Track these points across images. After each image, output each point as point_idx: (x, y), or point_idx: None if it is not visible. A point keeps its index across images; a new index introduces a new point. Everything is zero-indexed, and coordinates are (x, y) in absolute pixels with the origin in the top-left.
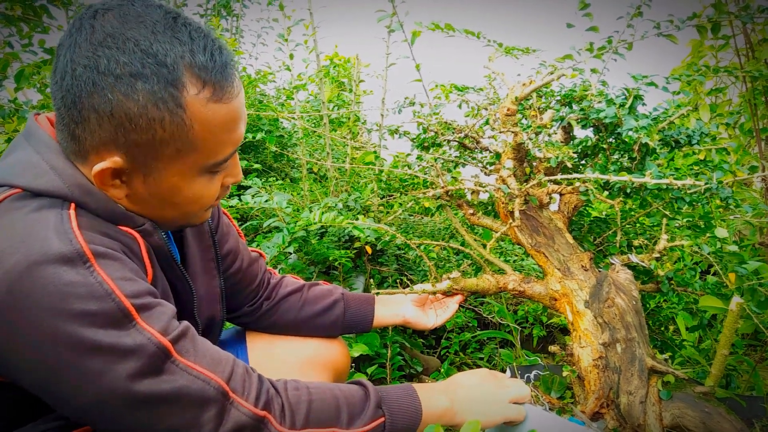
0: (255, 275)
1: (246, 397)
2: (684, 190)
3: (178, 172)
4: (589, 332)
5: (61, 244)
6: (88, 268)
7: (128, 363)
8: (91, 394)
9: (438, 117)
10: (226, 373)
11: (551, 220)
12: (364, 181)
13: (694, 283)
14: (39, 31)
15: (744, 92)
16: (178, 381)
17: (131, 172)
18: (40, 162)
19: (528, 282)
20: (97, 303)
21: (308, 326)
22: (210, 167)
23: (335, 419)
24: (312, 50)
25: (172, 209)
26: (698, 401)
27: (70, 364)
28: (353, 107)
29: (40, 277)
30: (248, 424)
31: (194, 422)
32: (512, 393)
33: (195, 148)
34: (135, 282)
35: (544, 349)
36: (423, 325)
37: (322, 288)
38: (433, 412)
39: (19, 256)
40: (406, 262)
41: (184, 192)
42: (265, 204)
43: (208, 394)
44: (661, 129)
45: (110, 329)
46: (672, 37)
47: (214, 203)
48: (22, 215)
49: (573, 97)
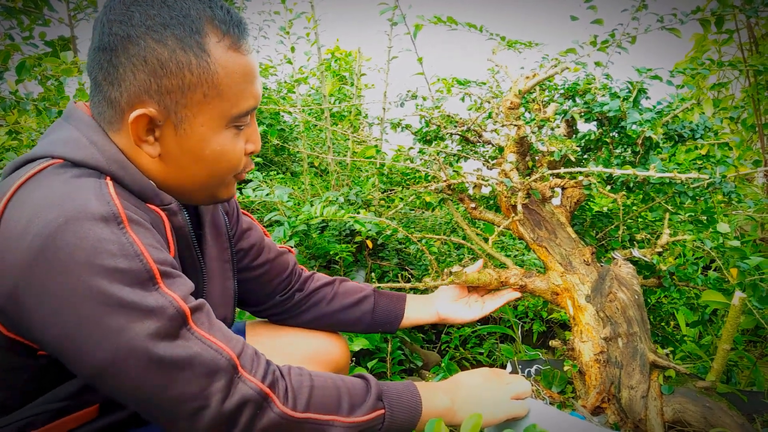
0: (285, 266)
1: (254, 374)
2: (687, 184)
3: (206, 121)
4: (590, 327)
5: (99, 204)
6: (122, 229)
7: (148, 322)
8: (110, 352)
9: (440, 110)
10: (238, 348)
11: (553, 214)
12: (366, 175)
13: (696, 278)
14: (40, 24)
15: (747, 87)
16: (193, 348)
17: (164, 125)
18: (80, 137)
19: (529, 276)
20: (126, 261)
21: (336, 319)
22: (234, 119)
23: (336, 407)
24: (314, 43)
25: (202, 167)
26: (699, 396)
27: (93, 319)
28: (355, 101)
29: (76, 231)
30: (254, 398)
31: (203, 391)
32: (513, 390)
33: (219, 94)
34: (161, 251)
35: (544, 344)
36: (462, 319)
37: (354, 284)
38: (433, 411)
39: (58, 212)
40: (407, 257)
41: (212, 144)
42: (266, 198)
43: (220, 364)
44: (665, 123)
45: (136, 288)
46: (675, 30)
47: (239, 171)
48: (63, 179)
49: (576, 91)
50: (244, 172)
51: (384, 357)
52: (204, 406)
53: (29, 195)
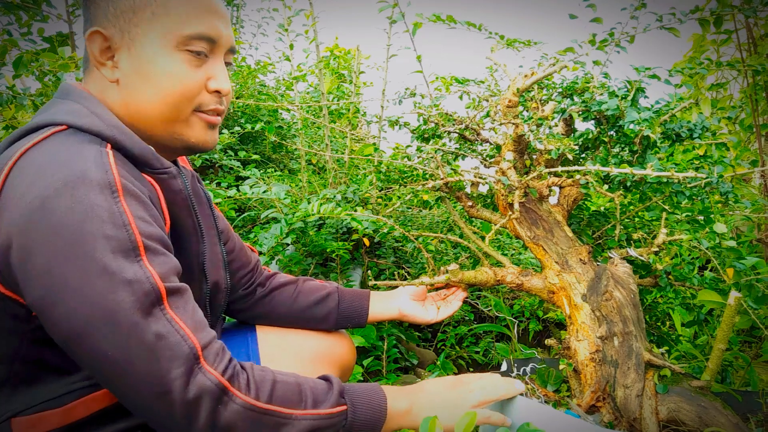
0: (249, 259)
1: (215, 367)
2: (684, 183)
3: (156, 38)
4: (586, 326)
5: (97, 172)
6: (115, 198)
7: (123, 293)
8: (84, 317)
9: (438, 108)
10: (204, 340)
11: (550, 213)
12: (363, 173)
13: (692, 278)
14: (38, 20)
15: (745, 87)
16: (160, 328)
17: (120, 47)
18: (81, 108)
19: (526, 275)
20: (113, 228)
21: (302, 317)
22: (183, 40)
23: (298, 401)
24: (312, 40)
25: (154, 90)
26: (694, 395)
27: (74, 282)
28: (353, 98)
29: (72, 195)
30: (212, 390)
31: (164, 375)
32: (476, 398)
33: (167, 12)
34: (151, 225)
35: (539, 343)
36: (421, 319)
37: (317, 282)
38: (395, 412)
39: (58, 175)
40: (404, 255)
41: (161, 64)
42: (264, 195)
43: (182, 350)
44: (663, 122)
45: (118, 256)
46: (674, 30)
47: (200, 105)
48: (66, 145)
49: (575, 89)
50: (208, 112)
51: (379, 355)
52: (166, 391)
53: (33, 160)
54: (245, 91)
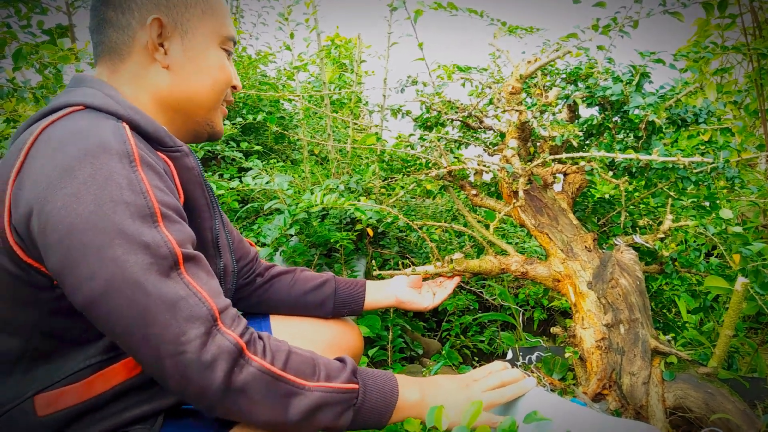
0: (248, 251)
1: (233, 329)
2: (690, 169)
3: (206, 33)
4: (592, 313)
5: (116, 142)
6: (133, 166)
7: (142, 256)
8: (104, 280)
9: (441, 96)
10: (221, 305)
11: (555, 200)
12: (366, 163)
13: (698, 264)
14: (37, 12)
15: (750, 72)
16: (178, 291)
17: (172, 36)
18: (96, 92)
19: (531, 263)
20: (132, 195)
21: (300, 303)
22: (224, 40)
23: (312, 374)
24: (313, 29)
25: (205, 77)
26: (701, 382)
27: (94, 246)
28: (355, 88)
29: (93, 163)
30: (230, 350)
31: (182, 335)
32: (487, 400)
33: (213, 13)
34: (167, 195)
35: (544, 332)
36: (417, 306)
37: (313, 272)
38: (405, 402)
39: (80, 145)
40: (408, 245)
41: (212, 55)
42: (266, 186)
43: (201, 312)
44: (668, 107)
45: (137, 221)
46: (678, 14)
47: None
48: (85, 120)
49: (579, 75)
50: (226, 103)
51: (385, 345)
52: (183, 351)
53: (53, 135)
54: (246, 81)
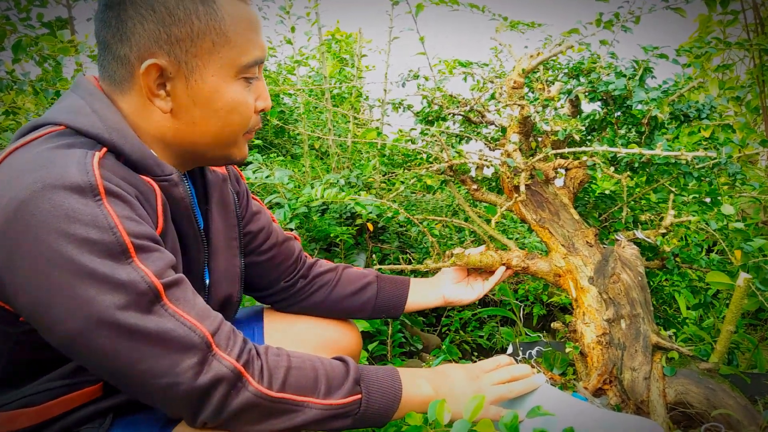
0: (291, 252)
1: (229, 352)
2: (692, 164)
3: (217, 70)
4: (593, 308)
5: (78, 174)
6: (97, 200)
7: (118, 296)
8: (79, 321)
9: (442, 90)
10: (213, 326)
11: (556, 195)
12: (366, 157)
13: (700, 260)
14: (37, 5)
15: (752, 68)
16: (165, 324)
17: (175, 78)
18: (84, 105)
19: (532, 258)
20: (98, 232)
21: (339, 306)
22: (243, 69)
23: (312, 388)
24: (314, 23)
25: (215, 120)
26: (702, 378)
27: (63, 287)
28: (355, 82)
29: (50, 199)
30: (228, 376)
31: (174, 368)
32: (494, 394)
33: (228, 42)
34: (139, 224)
35: (544, 327)
36: (467, 299)
37: (357, 270)
38: (415, 398)
39: (36, 177)
40: (408, 239)
41: (224, 95)
42: (266, 180)
43: (193, 341)
44: (671, 102)
45: (106, 260)
46: (680, 10)
47: (250, 128)
48: (52, 147)
49: (581, 70)
50: (253, 131)
51: (384, 340)
52: (175, 383)
53: (16, 160)
54: None
